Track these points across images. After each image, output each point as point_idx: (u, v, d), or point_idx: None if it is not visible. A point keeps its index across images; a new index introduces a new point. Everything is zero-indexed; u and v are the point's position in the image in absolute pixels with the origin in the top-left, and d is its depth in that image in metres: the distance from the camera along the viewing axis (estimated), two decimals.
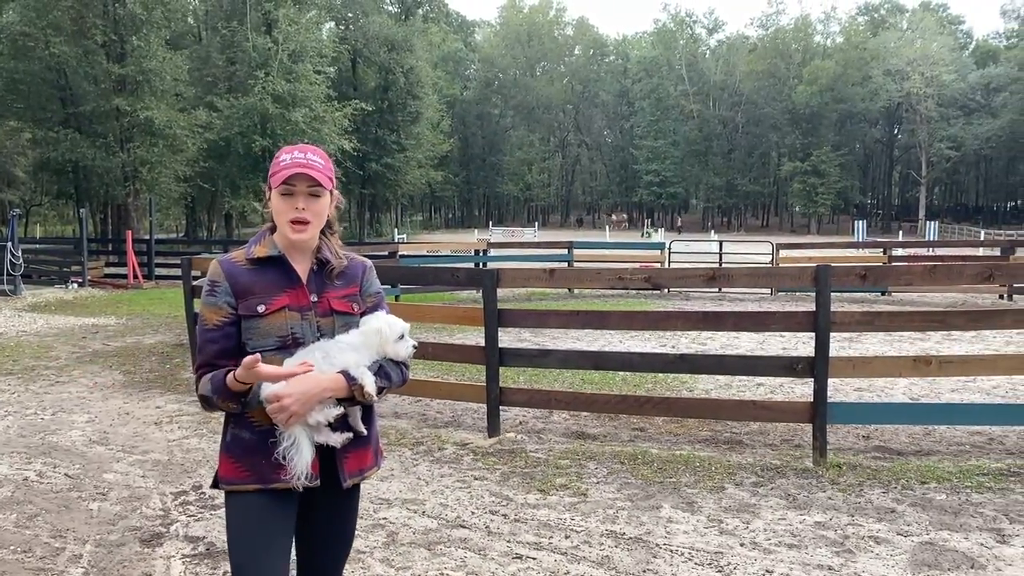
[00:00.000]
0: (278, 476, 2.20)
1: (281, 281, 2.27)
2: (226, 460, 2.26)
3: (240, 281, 2.23)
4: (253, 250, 2.29)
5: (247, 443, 2.23)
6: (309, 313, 2.27)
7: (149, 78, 26.95)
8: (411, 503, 4.99)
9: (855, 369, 5.81)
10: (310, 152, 2.29)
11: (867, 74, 71.77)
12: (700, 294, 18.46)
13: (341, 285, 2.36)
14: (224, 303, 2.21)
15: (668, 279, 6.23)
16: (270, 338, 2.21)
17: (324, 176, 2.24)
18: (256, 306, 2.22)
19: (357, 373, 2.22)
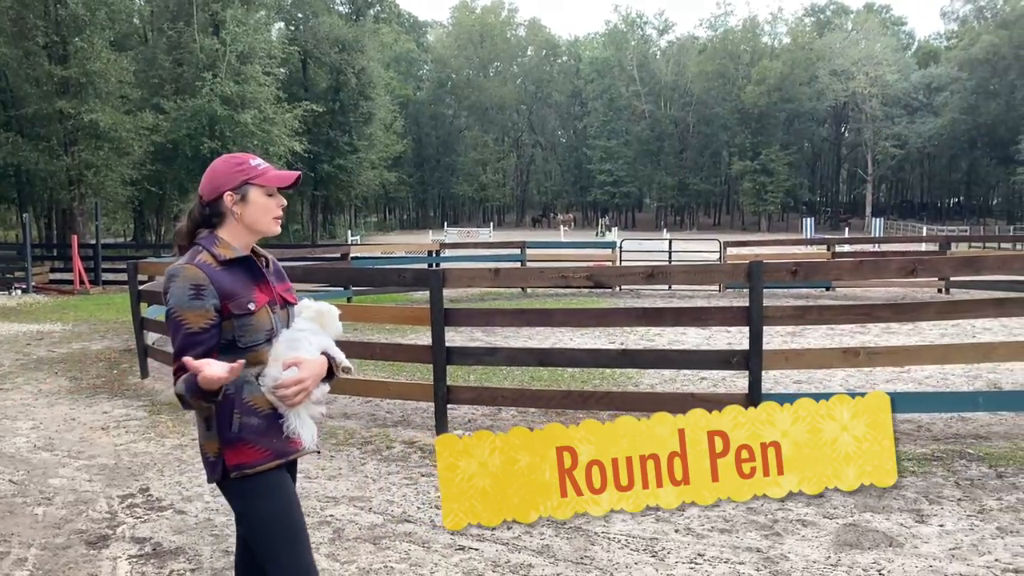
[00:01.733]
0: (291, 447, 2.45)
1: (251, 279, 2.46)
2: (242, 448, 2.39)
3: (223, 282, 2.38)
4: (217, 252, 2.42)
5: (258, 427, 2.39)
6: (275, 307, 2.49)
7: (93, 80, 26.42)
8: (358, 500, 5.09)
9: (788, 361, 6.05)
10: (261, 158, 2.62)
11: (814, 74, 73.20)
12: (651, 292, 18.77)
13: (277, 280, 2.58)
14: (211, 306, 2.34)
15: (609, 277, 6.41)
16: (260, 333, 2.41)
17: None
18: (247, 304, 2.40)
19: (333, 352, 2.50)
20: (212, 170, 2.52)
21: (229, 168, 2.49)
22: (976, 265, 6.03)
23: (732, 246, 20.60)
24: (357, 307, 8.06)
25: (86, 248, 22.90)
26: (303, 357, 2.40)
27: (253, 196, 2.47)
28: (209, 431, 2.42)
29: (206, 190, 2.50)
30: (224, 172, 2.49)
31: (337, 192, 55.46)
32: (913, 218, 71.13)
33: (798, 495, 3.10)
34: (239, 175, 2.48)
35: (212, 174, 2.51)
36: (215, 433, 2.40)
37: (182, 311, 2.33)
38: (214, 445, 2.42)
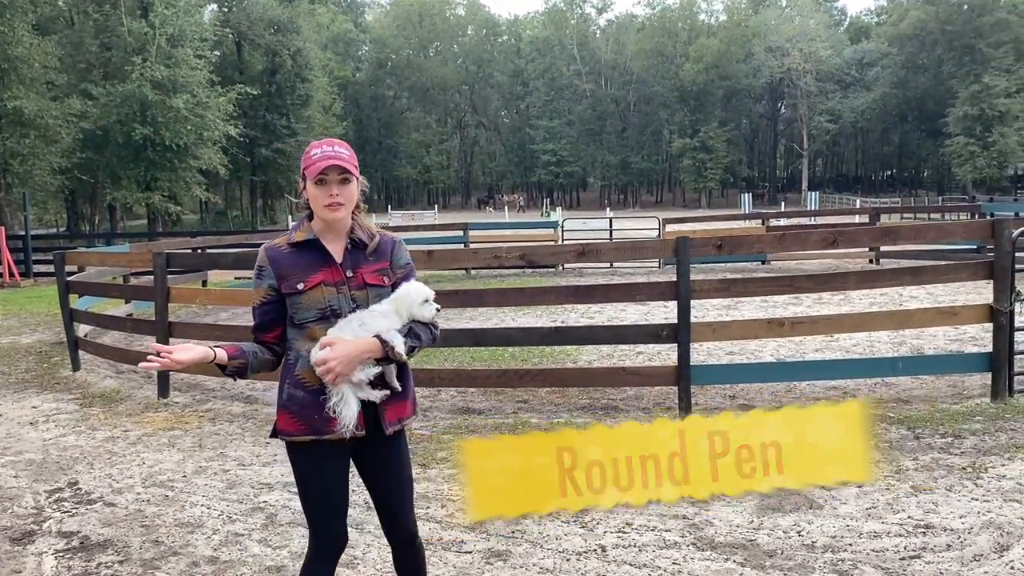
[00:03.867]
0: (329, 428, 2.54)
1: (317, 261, 2.61)
2: (284, 415, 2.61)
3: (282, 264, 2.60)
4: (294, 235, 2.64)
5: (301, 400, 2.56)
6: (344, 287, 2.60)
7: (15, 65, 25.44)
8: (292, 486, 5.03)
9: (715, 333, 6.19)
10: (336, 145, 2.64)
11: (750, 51, 74.26)
12: (592, 270, 18.94)
13: (374, 260, 2.68)
14: (267, 285, 2.61)
15: (542, 256, 6.46)
16: (311, 311, 2.56)
17: (351, 165, 2.59)
18: (296, 284, 2.58)
19: (388, 336, 2.57)
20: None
21: (305, 153, 2.67)
22: (893, 235, 6.24)
23: (671, 223, 20.88)
24: None
25: (15, 239, 22.16)
26: (336, 338, 2.51)
27: (308, 187, 2.61)
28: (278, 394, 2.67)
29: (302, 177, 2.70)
30: (303, 161, 2.67)
31: (276, 176, 54.55)
32: (848, 191, 72.90)
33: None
34: (303, 166, 2.64)
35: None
36: (276, 395, 2.67)
37: (252, 288, 2.70)
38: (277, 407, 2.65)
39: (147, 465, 5.62)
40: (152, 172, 33.37)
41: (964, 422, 5.86)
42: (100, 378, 8.74)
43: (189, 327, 8.72)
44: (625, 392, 6.96)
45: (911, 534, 4.04)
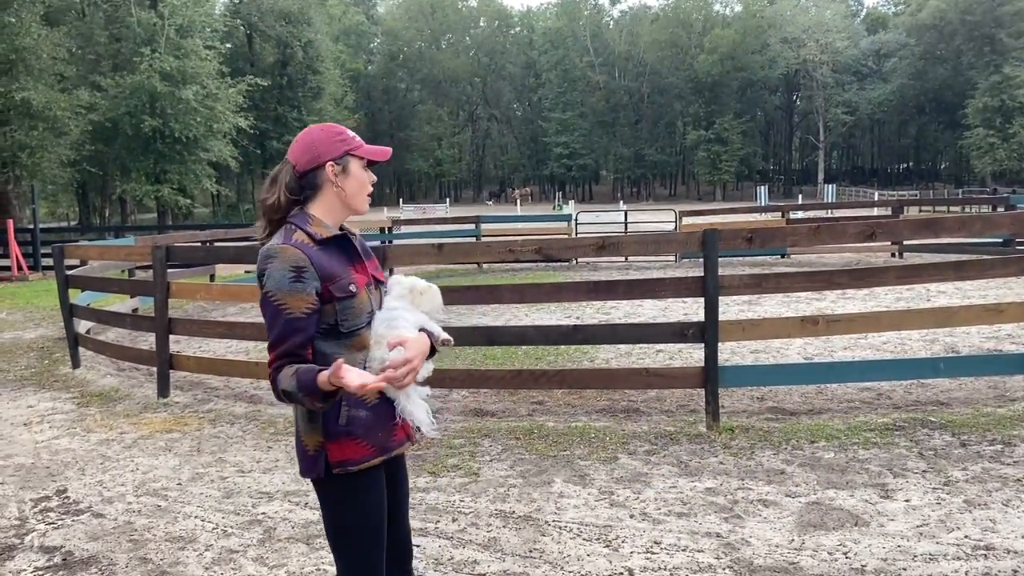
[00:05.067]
0: (394, 443, 2.32)
1: (347, 259, 2.31)
2: (348, 443, 2.23)
3: (323, 264, 2.21)
4: (312, 231, 2.24)
5: (366, 420, 2.25)
6: (371, 286, 2.35)
7: (23, 56, 25.21)
8: (293, 495, 4.75)
9: (744, 332, 5.81)
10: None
11: (765, 42, 73.46)
12: (607, 264, 18.56)
13: (366, 256, 2.43)
14: (313, 289, 2.17)
15: (559, 249, 6.09)
16: (363, 315, 2.26)
17: None
18: (348, 285, 2.24)
19: (431, 327, 2.37)
20: (309, 138, 2.31)
21: (329, 137, 2.31)
22: (935, 227, 5.83)
23: (687, 215, 20.46)
24: None
25: (23, 232, 21.94)
26: (406, 335, 2.24)
27: (354, 169, 2.32)
28: (312, 424, 2.23)
29: (304, 159, 2.29)
30: (325, 141, 2.30)
31: None
32: (864, 184, 72.13)
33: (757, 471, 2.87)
34: (341, 145, 2.31)
35: (310, 142, 2.30)
36: (319, 426, 2.22)
37: (282, 295, 2.14)
38: (316, 438, 2.23)
39: (141, 471, 5.30)
40: (161, 164, 33.13)
41: (1013, 428, 5.46)
42: (100, 376, 8.45)
43: (191, 324, 8.40)
44: (647, 394, 6.59)
45: (971, 556, 3.66)
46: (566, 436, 5.57)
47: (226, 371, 7.44)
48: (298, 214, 2.29)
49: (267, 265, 2.16)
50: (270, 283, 2.15)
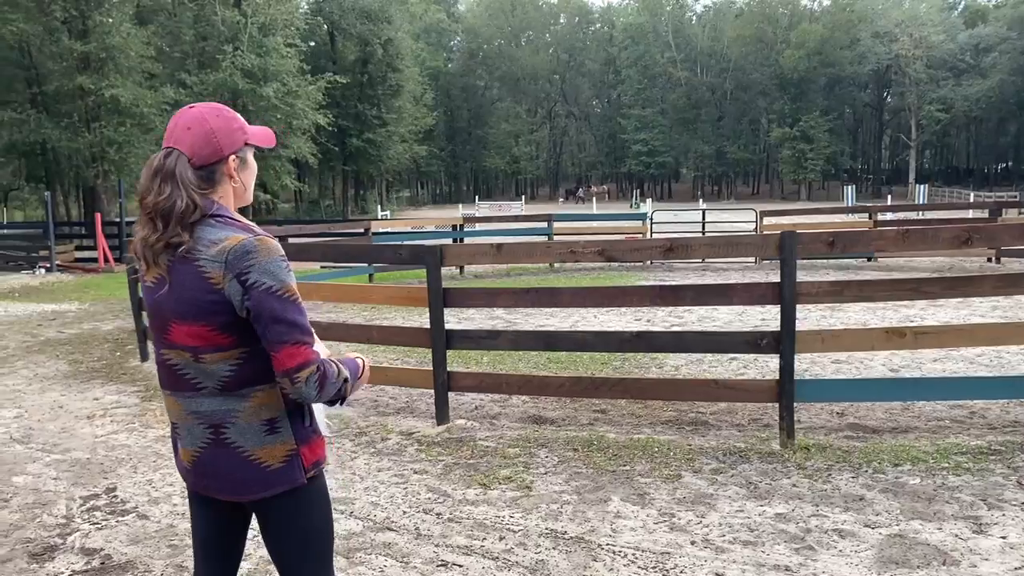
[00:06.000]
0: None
1: None
2: (317, 442, 2.11)
3: None
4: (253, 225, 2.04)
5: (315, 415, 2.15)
6: None
7: (113, 55, 26.10)
8: (340, 503, 4.57)
9: (824, 343, 5.40)
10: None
11: (855, 37, 70.91)
12: (683, 266, 18.05)
13: None
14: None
15: (623, 252, 5.77)
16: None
17: None
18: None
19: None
20: (207, 127, 2.01)
21: (227, 125, 2.05)
22: None
23: (769, 216, 19.75)
24: (351, 287, 7.54)
25: (110, 226, 22.70)
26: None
27: (250, 159, 2.13)
28: (275, 433, 2.01)
29: (203, 152, 2.00)
30: (224, 130, 2.03)
31: (367, 167, 55.03)
32: (959, 184, 68.92)
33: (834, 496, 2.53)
34: (240, 135, 2.07)
35: (208, 132, 2.00)
36: (287, 433, 2.02)
37: (290, 287, 1.95)
38: (282, 449, 2.02)
39: None
40: None
41: None
42: None
43: None
44: (717, 405, 6.22)
45: None
46: (627, 449, 5.27)
47: None
48: (221, 206, 2.01)
49: (253, 260, 1.91)
50: (269, 278, 1.91)
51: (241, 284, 1.90)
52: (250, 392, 2.00)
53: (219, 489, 2.08)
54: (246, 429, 2.00)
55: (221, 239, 1.93)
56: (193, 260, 1.93)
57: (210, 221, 1.97)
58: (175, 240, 1.93)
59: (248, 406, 2.00)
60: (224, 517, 2.19)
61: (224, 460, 2.02)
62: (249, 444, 2.00)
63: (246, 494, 2.05)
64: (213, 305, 1.92)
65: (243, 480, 2.02)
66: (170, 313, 1.97)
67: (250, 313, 1.92)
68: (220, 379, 1.98)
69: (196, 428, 2.04)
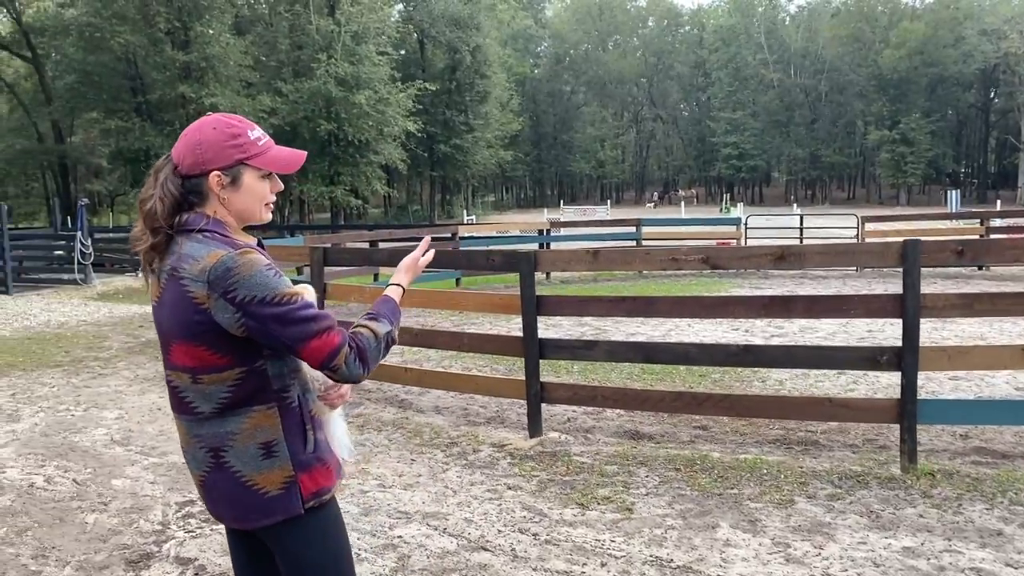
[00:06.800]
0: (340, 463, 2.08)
1: None
2: (320, 469, 1.97)
3: None
4: (239, 240, 1.93)
5: (324, 442, 2.02)
6: None
7: (213, 64, 27.00)
8: (433, 517, 4.43)
9: (951, 361, 4.98)
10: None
11: (960, 35, 67.80)
12: (779, 273, 17.40)
13: None
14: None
15: (729, 259, 5.48)
16: None
17: None
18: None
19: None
20: (197, 137, 1.91)
21: (220, 139, 1.90)
22: None
23: (870, 221, 18.89)
24: (442, 293, 7.43)
25: None
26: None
27: (248, 181, 1.93)
28: (272, 457, 1.90)
29: (187, 162, 1.90)
30: (213, 143, 1.90)
31: (454, 172, 55.54)
32: None
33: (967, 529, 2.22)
34: (233, 152, 1.91)
35: (196, 143, 1.90)
36: (284, 457, 1.91)
37: (284, 289, 1.83)
38: (279, 474, 1.91)
39: None
40: (335, 167, 34.64)
41: None
42: None
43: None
44: (827, 423, 5.84)
45: None
46: (734, 471, 4.96)
47: (375, 375, 7.31)
48: (214, 222, 1.90)
49: (235, 276, 1.79)
50: (256, 289, 1.80)
51: (230, 303, 1.80)
52: (245, 413, 1.90)
53: (224, 516, 2.01)
54: (243, 452, 1.90)
55: (202, 256, 1.83)
56: (179, 278, 1.85)
57: (197, 236, 1.87)
58: (143, 242, 1.90)
59: (244, 428, 1.89)
60: (244, 544, 2.12)
61: (225, 485, 1.93)
62: (247, 469, 1.90)
63: (247, 522, 1.96)
64: (200, 325, 1.83)
65: (243, 506, 1.94)
66: (168, 333, 1.92)
67: (251, 330, 1.82)
68: (218, 401, 1.89)
69: (199, 452, 1.96)
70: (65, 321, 13.14)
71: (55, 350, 10.35)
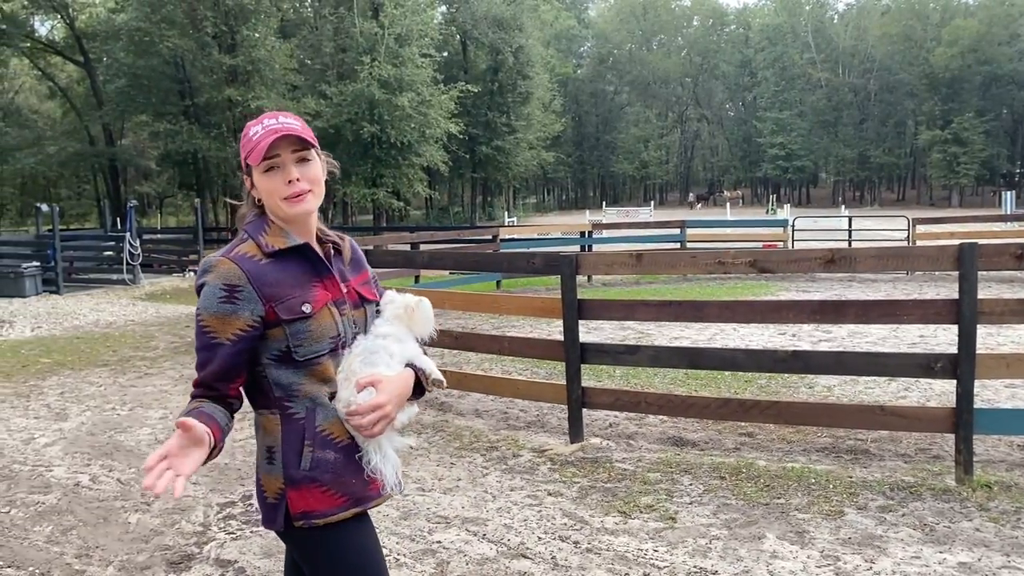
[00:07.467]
0: (372, 492, 1.94)
1: (309, 273, 1.92)
2: (313, 490, 1.87)
3: (268, 281, 1.85)
4: (267, 241, 1.89)
5: (334, 464, 1.88)
6: (344, 306, 1.96)
7: (259, 67, 27.38)
8: (472, 523, 4.38)
9: (1010, 368, 4.80)
10: (281, 116, 1.93)
11: (1015, 32, 65.98)
12: (826, 276, 17.07)
13: (353, 269, 2.05)
14: (248, 312, 1.83)
15: (778, 263, 5.34)
16: (323, 341, 1.89)
17: (308, 135, 1.91)
18: (300, 306, 1.87)
19: (421, 363, 2.01)
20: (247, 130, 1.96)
21: (243, 137, 1.94)
22: None
23: (922, 223, 18.43)
24: (483, 297, 7.39)
25: None
26: (381, 375, 1.89)
27: (256, 177, 1.92)
28: (272, 463, 1.89)
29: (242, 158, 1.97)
30: (241, 142, 1.94)
31: (495, 173, 55.56)
32: None
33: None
34: (242, 150, 1.93)
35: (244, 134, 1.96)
36: (279, 467, 1.87)
37: (208, 317, 1.83)
38: (276, 483, 1.88)
39: None
40: (378, 169, 34.87)
41: None
42: None
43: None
44: (878, 432, 5.66)
45: None
46: (780, 480, 4.83)
47: None
48: (254, 220, 1.93)
49: (202, 280, 1.86)
50: (200, 301, 1.85)
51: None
52: (259, 412, 1.94)
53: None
54: (259, 451, 1.95)
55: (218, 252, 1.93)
56: None
57: (242, 231, 1.95)
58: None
59: (259, 427, 1.94)
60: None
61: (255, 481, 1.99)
62: (260, 469, 1.93)
63: (263, 521, 1.95)
64: None
65: (259, 505, 1.97)
66: None
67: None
68: (248, 396, 1.96)
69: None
70: (113, 321, 13.40)
71: (103, 349, 10.54)
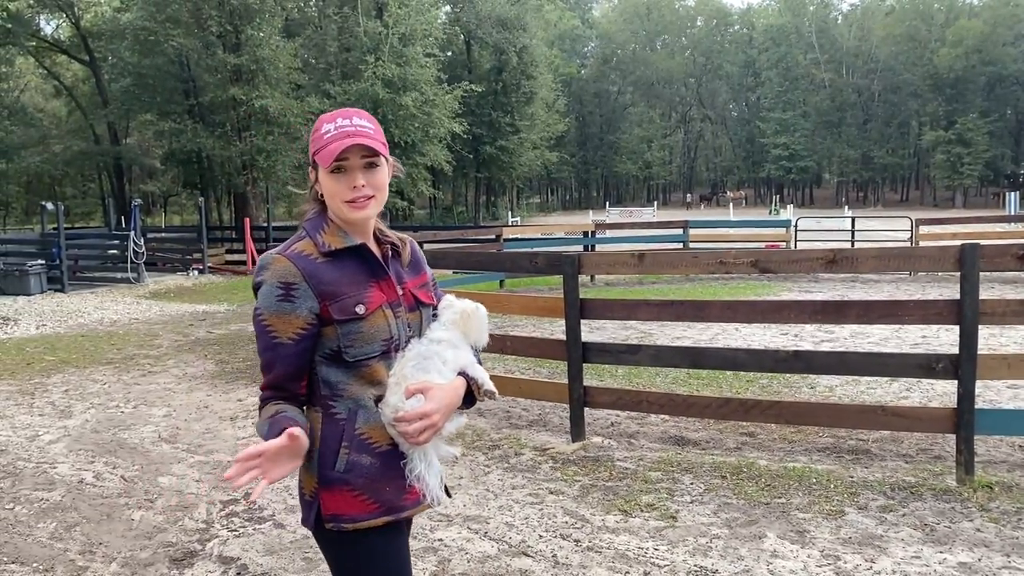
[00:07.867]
0: (407, 502, 1.90)
1: (366, 274, 1.91)
2: (345, 493, 1.84)
3: (323, 280, 1.84)
4: (324, 240, 1.88)
5: (369, 469, 1.85)
6: (399, 309, 1.94)
7: (263, 67, 27.43)
8: (473, 521, 4.40)
9: (1011, 369, 4.80)
10: (355, 116, 1.90)
11: (1020, 32, 65.85)
12: (829, 276, 17.07)
13: (411, 272, 2.03)
14: (306, 310, 1.82)
15: (779, 263, 5.35)
16: (375, 343, 1.87)
17: (379, 143, 1.88)
18: (354, 307, 1.85)
19: (473, 371, 1.97)
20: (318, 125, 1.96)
21: (313, 131, 1.93)
22: None
23: (925, 224, 18.41)
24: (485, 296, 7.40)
25: (258, 230, 23.76)
26: (432, 382, 1.86)
27: (320, 176, 1.89)
28: (310, 460, 1.87)
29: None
30: (311, 136, 1.94)
31: (499, 173, 55.56)
32: None
33: None
34: (311, 146, 1.91)
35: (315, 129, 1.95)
36: (315, 466, 1.86)
37: (267, 314, 1.83)
38: (311, 481, 1.87)
39: None
40: None
41: None
42: None
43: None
44: (879, 432, 5.67)
45: None
46: (781, 479, 4.84)
47: None
48: (313, 218, 1.92)
49: (259, 278, 1.86)
50: (259, 301, 1.85)
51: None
52: (310, 408, 1.93)
53: None
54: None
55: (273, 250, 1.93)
56: None
57: (301, 228, 1.94)
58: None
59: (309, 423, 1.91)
60: None
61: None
62: (300, 466, 1.87)
63: (302, 519, 1.95)
64: None
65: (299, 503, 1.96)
66: None
67: None
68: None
69: None
70: (117, 319, 13.44)
71: (107, 347, 10.58)
